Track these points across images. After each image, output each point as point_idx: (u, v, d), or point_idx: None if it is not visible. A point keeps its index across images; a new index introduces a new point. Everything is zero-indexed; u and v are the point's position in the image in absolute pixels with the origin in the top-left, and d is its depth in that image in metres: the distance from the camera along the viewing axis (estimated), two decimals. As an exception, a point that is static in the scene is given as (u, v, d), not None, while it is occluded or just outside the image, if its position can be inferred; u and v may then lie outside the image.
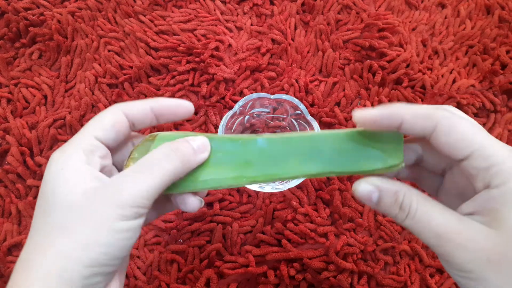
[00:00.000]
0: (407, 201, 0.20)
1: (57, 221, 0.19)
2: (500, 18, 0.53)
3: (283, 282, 0.38)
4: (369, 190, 0.21)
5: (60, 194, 0.19)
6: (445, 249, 0.18)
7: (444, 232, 0.18)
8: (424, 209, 0.19)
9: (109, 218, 0.19)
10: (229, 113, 0.36)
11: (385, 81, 0.47)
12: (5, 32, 0.50)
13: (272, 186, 0.34)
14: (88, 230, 0.19)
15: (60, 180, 0.20)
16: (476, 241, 0.18)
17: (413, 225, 0.19)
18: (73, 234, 0.19)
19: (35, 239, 0.19)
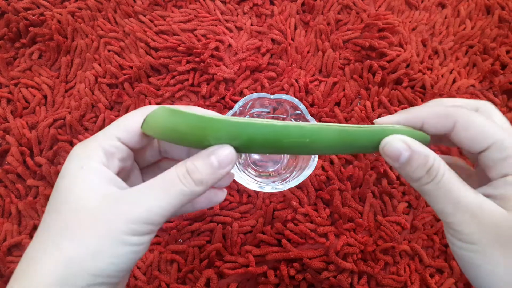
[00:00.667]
0: (436, 167, 0.20)
1: (68, 223, 0.19)
2: (500, 18, 0.53)
3: (283, 282, 0.38)
4: (400, 148, 0.21)
5: (76, 195, 0.19)
6: (459, 217, 0.19)
7: (462, 201, 0.19)
8: (450, 177, 0.20)
9: (122, 231, 0.19)
10: (229, 113, 0.36)
11: (385, 81, 0.47)
12: (5, 32, 0.50)
13: (272, 186, 0.34)
14: (99, 240, 0.18)
15: (78, 180, 0.20)
16: (491, 216, 0.19)
17: (435, 190, 0.20)
18: (84, 240, 0.18)
19: (44, 237, 0.19)
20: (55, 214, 0.19)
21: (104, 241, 0.19)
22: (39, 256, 0.19)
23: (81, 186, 0.19)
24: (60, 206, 0.19)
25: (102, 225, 0.19)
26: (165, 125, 0.21)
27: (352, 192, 0.41)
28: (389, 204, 0.41)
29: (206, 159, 0.20)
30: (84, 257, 0.18)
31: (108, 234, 0.19)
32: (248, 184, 0.34)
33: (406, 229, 0.40)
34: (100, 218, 0.19)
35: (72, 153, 0.21)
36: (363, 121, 0.44)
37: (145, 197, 0.19)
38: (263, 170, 0.41)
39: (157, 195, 0.20)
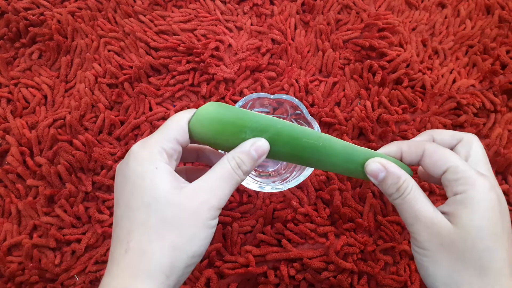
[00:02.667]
0: (405, 185, 0.25)
1: (165, 216, 0.22)
2: (500, 18, 0.53)
3: (283, 282, 0.38)
4: (378, 169, 0.26)
5: (164, 190, 0.23)
6: (416, 227, 0.24)
7: (420, 214, 0.24)
8: (414, 195, 0.25)
9: (207, 217, 0.23)
10: None
11: (385, 81, 0.47)
12: (5, 32, 0.50)
13: (272, 186, 0.34)
14: (193, 227, 0.23)
15: (159, 178, 0.23)
16: (439, 228, 0.23)
17: (402, 204, 0.25)
18: (181, 229, 0.22)
19: (146, 231, 0.22)
20: (146, 210, 0.22)
21: (196, 227, 0.23)
22: (146, 248, 0.22)
23: (164, 183, 0.23)
24: (152, 203, 0.22)
25: (193, 214, 0.23)
26: (213, 116, 0.25)
27: (352, 192, 0.41)
28: (389, 204, 0.41)
29: (248, 153, 0.25)
30: (185, 243, 0.22)
31: (198, 221, 0.23)
32: (248, 184, 0.34)
33: (406, 229, 0.40)
34: (190, 209, 0.23)
35: (137, 155, 0.24)
36: (363, 120, 0.44)
37: (215, 187, 0.24)
38: (263, 170, 0.41)
39: (222, 185, 0.24)
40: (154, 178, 0.23)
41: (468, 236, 0.22)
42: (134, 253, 0.22)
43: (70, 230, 0.40)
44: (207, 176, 0.24)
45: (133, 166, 0.23)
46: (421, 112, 0.46)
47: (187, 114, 0.26)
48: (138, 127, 0.44)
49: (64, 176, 0.41)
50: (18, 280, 0.38)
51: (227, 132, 0.25)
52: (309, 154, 0.26)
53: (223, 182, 0.24)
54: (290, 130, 0.26)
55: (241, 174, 0.25)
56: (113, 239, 0.24)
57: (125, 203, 0.23)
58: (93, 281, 0.38)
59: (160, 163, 0.23)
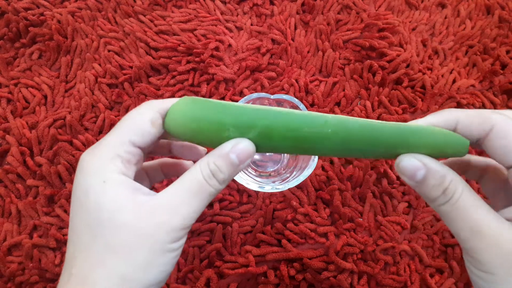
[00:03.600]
0: (453, 187, 0.19)
1: (111, 241, 0.19)
2: (500, 18, 0.53)
3: (283, 282, 0.38)
4: (416, 166, 0.19)
5: (109, 211, 0.19)
6: (476, 244, 0.18)
7: (480, 227, 0.18)
8: (467, 200, 0.19)
9: (165, 241, 0.19)
10: None
11: (385, 81, 0.47)
12: (5, 32, 0.50)
13: (272, 186, 0.34)
14: (146, 253, 0.19)
15: (105, 195, 0.19)
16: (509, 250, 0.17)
17: (451, 212, 0.19)
18: (131, 256, 0.19)
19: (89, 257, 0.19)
20: (89, 232, 0.19)
21: (151, 253, 0.19)
22: (89, 276, 0.18)
23: (111, 202, 0.19)
24: (95, 223, 0.19)
25: (146, 239, 0.19)
26: (187, 114, 0.21)
27: (352, 192, 0.41)
28: (389, 204, 0.41)
29: (226, 158, 0.20)
30: (137, 272, 0.19)
31: (153, 246, 0.19)
32: (248, 184, 0.34)
33: (406, 229, 0.40)
34: (142, 233, 0.19)
35: (84, 164, 0.20)
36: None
37: (179, 204, 0.20)
38: (263, 170, 0.41)
39: (188, 201, 0.20)
40: (99, 195, 0.19)
41: None
42: (76, 282, 0.19)
43: (70, 230, 0.40)
44: (172, 189, 0.20)
45: (79, 179, 0.20)
46: (421, 112, 0.46)
47: (146, 110, 0.21)
48: (138, 127, 0.44)
49: (64, 176, 0.41)
50: (18, 280, 0.38)
51: (206, 131, 0.21)
52: (317, 145, 0.21)
53: (191, 196, 0.20)
54: (285, 121, 0.20)
55: (216, 185, 0.20)
56: (63, 269, 0.20)
57: (71, 224, 0.20)
58: (93, 281, 0.38)
59: (109, 175, 0.19)
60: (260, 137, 0.21)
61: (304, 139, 0.21)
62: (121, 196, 0.19)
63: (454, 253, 0.39)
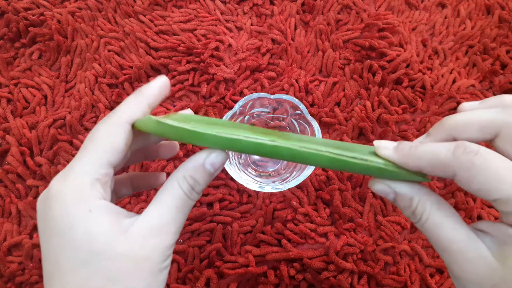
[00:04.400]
0: (420, 209, 0.19)
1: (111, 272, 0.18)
2: (500, 18, 0.53)
3: (283, 282, 0.38)
4: (385, 191, 0.21)
5: (102, 243, 0.18)
6: (448, 260, 0.19)
7: (449, 245, 0.18)
8: (435, 220, 0.19)
9: (160, 261, 0.19)
10: (229, 113, 0.36)
11: (385, 81, 0.47)
12: (5, 32, 0.50)
13: (272, 186, 0.34)
14: (146, 277, 0.19)
15: (94, 227, 0.18)
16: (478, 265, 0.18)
17: (423, 231, 0.20)
18: (134, 283, 0.18)
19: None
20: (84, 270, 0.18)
21: (151, 276, 0.19)
22: None
23: (102, 233, 0.18)
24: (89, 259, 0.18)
25: (144, 264, 0.19)
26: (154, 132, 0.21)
27: (352, 192, 0.41)
28: (389, 204, 0.41)
29: (202, 169, 0.20)
30: None
31: (152, 269, 0.19)
32: (248, 184, 0.34)
33: (406, 229, 0.40)
34: (140, 259, 0.19)
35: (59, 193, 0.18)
36: (363, 121, 0.44)
37: (167, 223, 0.20)
38: (263, 170, 0.41)
39: (175, 218, 0.20)
40: (88, 227, 0.18)
41: None
42: None
43: (70, 230, 0.40)
44: (155, 209, 0.20)
45: (57, 212, 0.18)
46: (421, 112, 0.46)
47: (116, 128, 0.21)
48: (138, 127, 0.44)
49: (64, 176, 0.41)
50: (18, 280, 0.38)
51: (184, 141, 0.21)
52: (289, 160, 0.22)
53: (176, 213, 0.20)
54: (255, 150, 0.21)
55: (195, 196, 0.21)
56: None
57: (54, 262, 0.18)
58: (93, 281, 0.38)
59: (94, 202, 0.18)
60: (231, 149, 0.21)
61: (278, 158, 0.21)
62: (109, 224, 0.18)
63: (454, 253, 0.39)
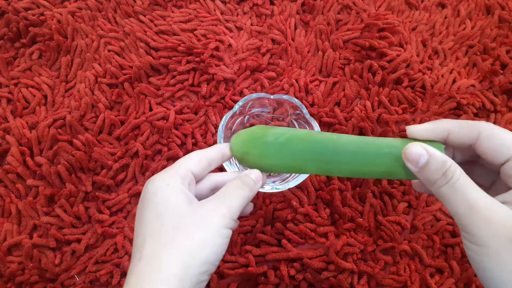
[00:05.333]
0: (452, 170, 0.22)
1: (177, 223, 0.23)
2: (500, 18, 0.53)
3: (283, 282, 0.38)
4: (420, 153, 0.23)
5: (173, 203, 0.24)
6: (472, 219, 0.20)
7: (476, 204, 0.20)
8: (465, 181, 0.22)
9: (217, 224, 0.24)
10: (228, 113, 0.36)
11: (385, 81, 0.47)
12: (5, 32, 0.50)
13: (272, 186, 0.34)
14: (203, 232, 0.23)
15: (170, 194, 0.24)
16: (503, 219, 0.20)
17: (450, 192, 0.22)
18: (192, 234, 0.23)
19: (159, 239, 0.23)
20: (158, 220, 0.24)
21: (208, 233, 0.23)
22: (158, 254, 0.22)
23: (175, 197, 0.24)
24: (162, 214, 0.24)
25: (203, 221, 0.24)
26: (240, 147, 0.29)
27: (352, 192, 0.41)
28: (389, 204, 0.41)
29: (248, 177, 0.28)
30: (196, 247, 0.23)
31: (209, 227, 0.23)
32: None
33: (406, 229, 0.40)
34: (199, 218, 0.24)
35: (152, 178, 0.26)
36: (363, 120, 0.44)
37: (225, 199, 0.25)
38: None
39: (231, 198, 0.26)
40: (164, 193, 0.25)
41: None
42: (146, 261, 0.22)
43: (70, 230, 0.40)
44: (218, 192, 0.26)
45: (148, 187, 0.25)
46: (421, 112, 0.46)
47: (195, 155, 0.28)
48: (138, 127, 0.44)
49: (64, 176, 0.41)
50: (18, 280, 0.38)
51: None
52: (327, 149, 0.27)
53: (232, 194, 0.26)
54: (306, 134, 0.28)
55: (247, 190, 0.27)
56: (132, 255, 0.24)
57: (140, 219, 0.25)
58: (93, 281, 0.38)
59: (171, 181, 0.25)
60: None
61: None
62: (181, 194, 0.25)
63: (454, 253, 0.39)
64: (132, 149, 0.43)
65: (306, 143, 0.27)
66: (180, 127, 0.45)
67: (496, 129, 0.22)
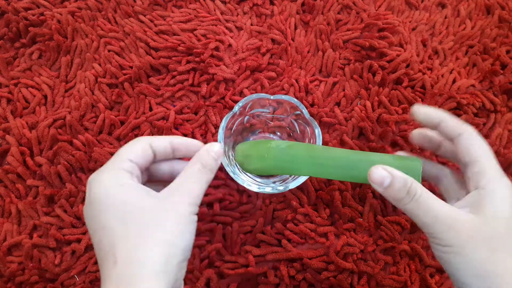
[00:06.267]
0: (414, 188, 0.25)
1: (144, 221, 0.23)
2: (500, 18, 0.53)
3: (283, 282, 0.38)
4: (383, 175, 0.26)
5: (133, 203, 0.24)
6: (438, 227, 0.24)
7: (439, 213, 0.24)
8: (426, 195, 0.25)
9: (188, 213, 0.24)
10: (229, 114, 0.36)
11: (385, 81, 0.47)
12: (5, 32, 0.50)
13: (273, 187, 0.34)
14: (176, 222, 0.24)
15: (126, 193, 0.24)
16: (462, 223, 0.24)
17: (415, 207, 0.25)
18: (166, 226, 0.23)
19: (129, 240, 0.23)
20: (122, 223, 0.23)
21: (181, 223, 0.24)
22: (135, 254, 0.22)
23: (132, 196, 0.24)
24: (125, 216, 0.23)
25: (173, 212, 0.24)
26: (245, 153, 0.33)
27: (352, 192, 0.41)
28: (389, 204, 0.41)
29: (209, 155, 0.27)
30: (174, 237, 0.23)
31: (180, 216, 0.24)
32: (249, 186, 0.34)
33: (406, 229, 0.40)
34: (168, 208, 0.24)
35: (95, 180, 0.24)
36: (363, 120, 0.44)
37: (188, 186, 0.26)
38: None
39: (193, 185, 0.26)
40: (120, 194, 0.24)
41: (499, 224, 0.23)
42: (124, 263, 0.22)
43: (70, 230, 0.40)
44: (177, 179, 0.26)
45: (97, 189, 0.24)
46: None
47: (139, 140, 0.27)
48: (138, 127, 0.44)
49: (64, 176, 0.41)
50: (18, 280, 0.38)
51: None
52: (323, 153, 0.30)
53: (194, 180, 0.26)
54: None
55: (209, 173, 0.27)
56: (99, 262, 0.24)
57: (98, 223, 0.23)
58: (93, 281, 0.38)
59: (124, 180, 0.24)
60: None
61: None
62: (138, 190, 0.24)
63: (454, 253, 0.39)
64: (132, 149, 0.43)
65: (304, 148, 0.30)
66: (180, 127, 0.45)
67: (474, 137, 0.26)
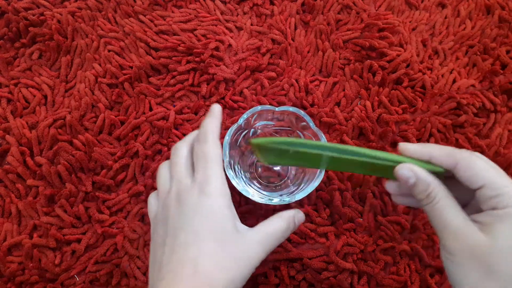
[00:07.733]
0: (434, 193, 0.26)
1: (231, 252, 0.27)
2: (500, 18, 0.53)
3: (283, 282, 0.38)
4: (408, 176, 0.27)
5: (230, 228, 0.28)
6: (445, 235, 0.25)
7: (449, 224, 0.25)
8: (443, 203, 0.26)
9: (259, 257, 0.28)
10: (233, 127, 0.36)
11: (385, 81, 0.47)
12: (5, 32, 0.50)
13: (280, 199, 0.34)
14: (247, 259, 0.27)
15: (227, 217, 0.28)
16: (468, 238, 0.24)
17: (431, 211, 0.26)
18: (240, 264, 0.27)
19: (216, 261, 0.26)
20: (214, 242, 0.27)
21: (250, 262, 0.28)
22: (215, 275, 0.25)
23: (230, 222, 0.28)
24: (219, 238, 0.27)
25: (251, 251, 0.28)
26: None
27: (352, 192, 0.41)
28: (389, 204, 0.41)
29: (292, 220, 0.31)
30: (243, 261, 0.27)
31: (253, 259, 0.28)
32: (254, 197, 0.34)
33: (406, 229, 0.40)
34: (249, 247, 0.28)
35: (210, 189, 0.28)
36: (363, 120, 0.44)
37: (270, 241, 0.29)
38: (270, 184, 0.41)
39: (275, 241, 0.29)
40: (224, 215, 0.27)
41: (503, 249, 0.23)
42: (201, 277, 0.25)
43: (70, 230, 0.40)
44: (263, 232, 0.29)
45: (207, 201, 0.27)
46: (421, 112, 0.46)
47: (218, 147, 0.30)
48: (138, 127, 0.44)
49: (64, 176, 0.41)
50: (18, 280, 0.38)
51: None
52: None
53: (274, 239, 0.29)
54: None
55: (288, 232, 0.30)
56: (173, 259, 0.26)
57: (194, 231, 0.26)
58: (93, 281, 0.38)
59: (229, 202, 0.28)
60: None
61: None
62: (234, 221, 0.28)
63: (454, 253, 0.39)
64: (132, 149, 0.43)
65: (318, 142, 0.30)
66: (180, 127, 0.45)
67: (473, 160, 0.26)
